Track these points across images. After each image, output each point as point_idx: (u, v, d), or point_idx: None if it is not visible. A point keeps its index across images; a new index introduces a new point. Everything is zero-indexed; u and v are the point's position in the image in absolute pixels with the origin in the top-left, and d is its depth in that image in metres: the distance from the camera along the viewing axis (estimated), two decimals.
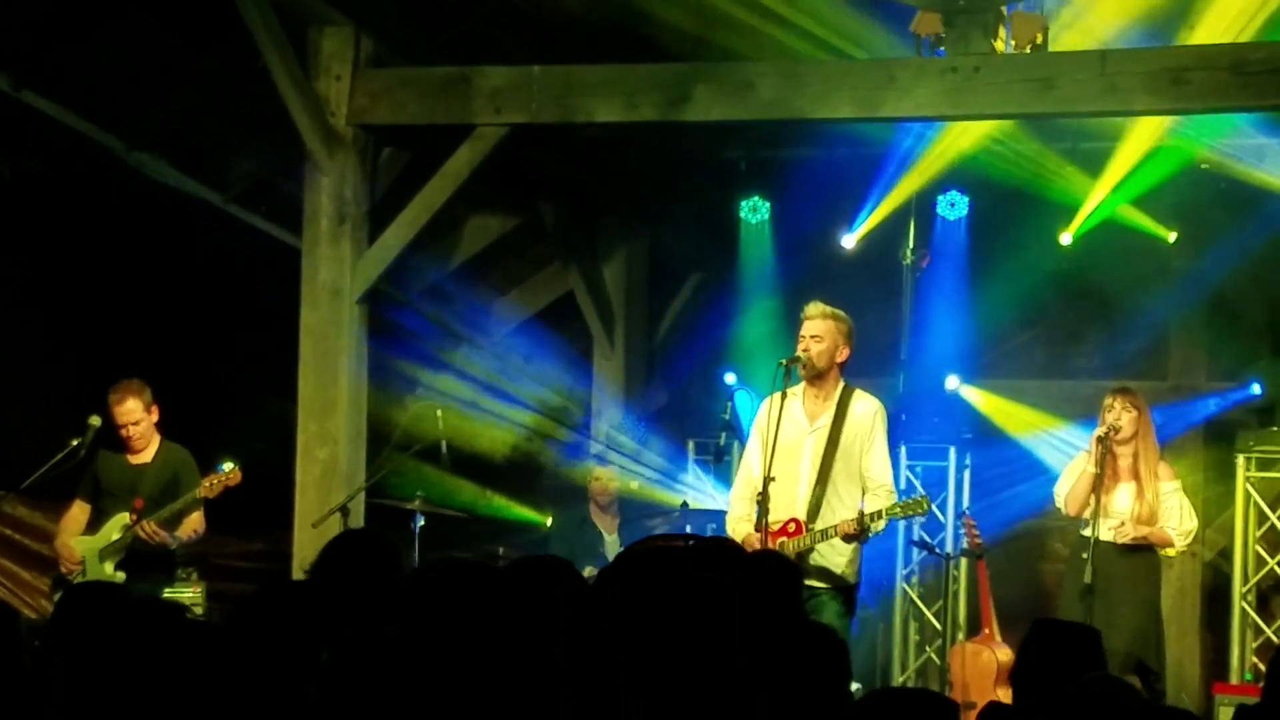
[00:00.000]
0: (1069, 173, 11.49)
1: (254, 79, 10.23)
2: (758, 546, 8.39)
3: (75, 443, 9.35)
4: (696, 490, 12.31)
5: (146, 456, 9.44)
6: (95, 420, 9.36)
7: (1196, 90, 9.33)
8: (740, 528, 8.75)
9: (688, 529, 11.23)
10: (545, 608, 3.76)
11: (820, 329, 8.77)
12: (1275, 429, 12.31)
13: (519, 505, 12.33)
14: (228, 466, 9.26)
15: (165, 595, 9.18)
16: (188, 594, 9.52)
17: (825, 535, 8.53)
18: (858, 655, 10.69)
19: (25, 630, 5.22)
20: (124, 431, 9.35)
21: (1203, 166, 11.48)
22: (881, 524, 8.62)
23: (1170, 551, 9.93)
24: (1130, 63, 9.42)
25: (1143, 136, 11.00)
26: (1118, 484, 9.74)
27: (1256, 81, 9.21)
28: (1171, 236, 12.18)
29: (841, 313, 8.89)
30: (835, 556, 8.63)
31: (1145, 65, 9.40)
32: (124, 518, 9.21)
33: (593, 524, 11.77)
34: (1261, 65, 9.15)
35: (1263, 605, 11.92)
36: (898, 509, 8.77)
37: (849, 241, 12.20)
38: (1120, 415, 9.71)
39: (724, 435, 11.43)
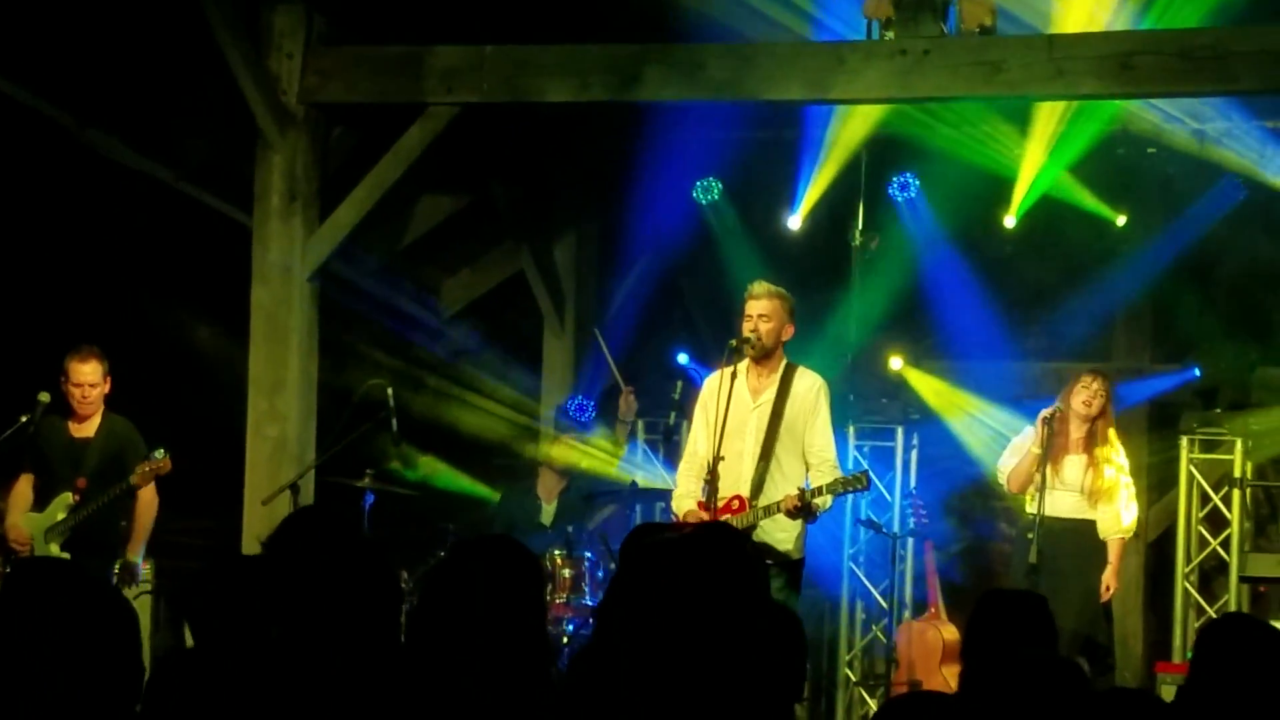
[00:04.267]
0: (1005, 134, 11.50)
1: (206, 56, 10.19)
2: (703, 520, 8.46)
3: (24, 419, 9.32)
4: (646, 470, 12.31)
5: (90, 430, 9.42)
6: (44, 397, 9.35)
7: (1144, 75, 9.42)
8: (684, 504, 8.83)
9: (637, 508, 11.25)
10: (496, 587, 3.76)
11: (767, 308, 8.80)
12: (1218, 411, 12.37)
13: (470, 481, 12.30)
14: (159, 454, 9.22)
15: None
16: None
17: (769, 511, 8.57)
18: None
19: None
20: (79, 392, 9.31)
21: (1150, 151, 11.55)
22: (827, 500, 8.69)
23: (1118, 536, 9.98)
24: (1078, 47, 9.49)
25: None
26: (1068, 455, 9.81)
27: (1203, 66, 9.28)
28: (1120, 220, 12.23)
29: (785, 291, 8.93)
30: (779, 533, 8.67)
31: (1093, 50, 9.47)
32: (67, 498, 9.19)
33: (535, 495, 11.77)
34: (1208, 51, 9.23)
35: (1205, 585, 11.99)
36: (839, 484, 8.82)
37: (794, 222, 12.20)
38: (1097, 395, 9.79)
39: (674, 415, 11.43)
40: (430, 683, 3.55)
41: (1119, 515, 9.83)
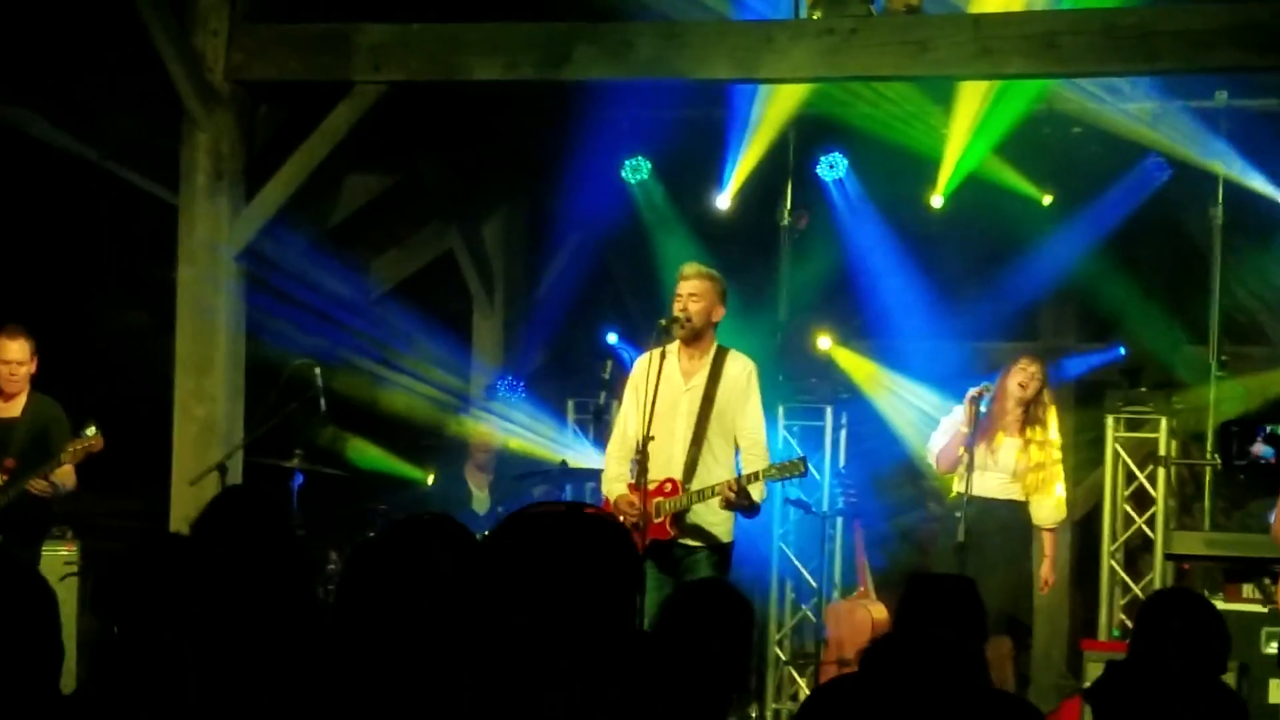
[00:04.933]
0: (932, 113, 11.57)
1: (130, 33, 10.13)
2: (636, 505, 8.45)
3: None
4: (576, 450, 12.33)
5: (15, 409, 9.34)
6: None
7: (1068, 54, 9.48)
8: (615, 488, 8.77)
9: (567, 488, 11.25)
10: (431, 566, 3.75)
11: (698, 288, 8.79)
12: (1144, 390, 12.46)
13: (400, 462, 12.29)
14: (90, 431, 9.13)
15: (43, 554, 9.12)
16: (63, 552, 9.45)
17: (702, 496, 8.55)
18: None
19: None
20: (5, 370, 9.26)
21: (1074, 131, 11.62)
22: (761, 486, 8.70)
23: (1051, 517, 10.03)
24: (1003, 26, 9.55)
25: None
26: (1002, 437, 9.85)
27: (1127, 45, 9.34)
28: (1046, 199, 12.30)
29: (716, 272, 8.94)
30: (710, 516, 8.66)
31: (1018, 29, 9.53)
32: None
33: (464, 481, 11.78)
34: (1132, 30, 9.29)
35: (1130, 564, 12.08)
36: (774, 470, 8.84)
37: (723, 201, 12.22)
38: (1033, 378, 9.84)
39: (603, 395, 11.43)
40: (358, 662, 3.54)
41: (1058, 505, 9.89)
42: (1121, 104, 11.28)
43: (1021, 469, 9.79)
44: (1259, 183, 11.51)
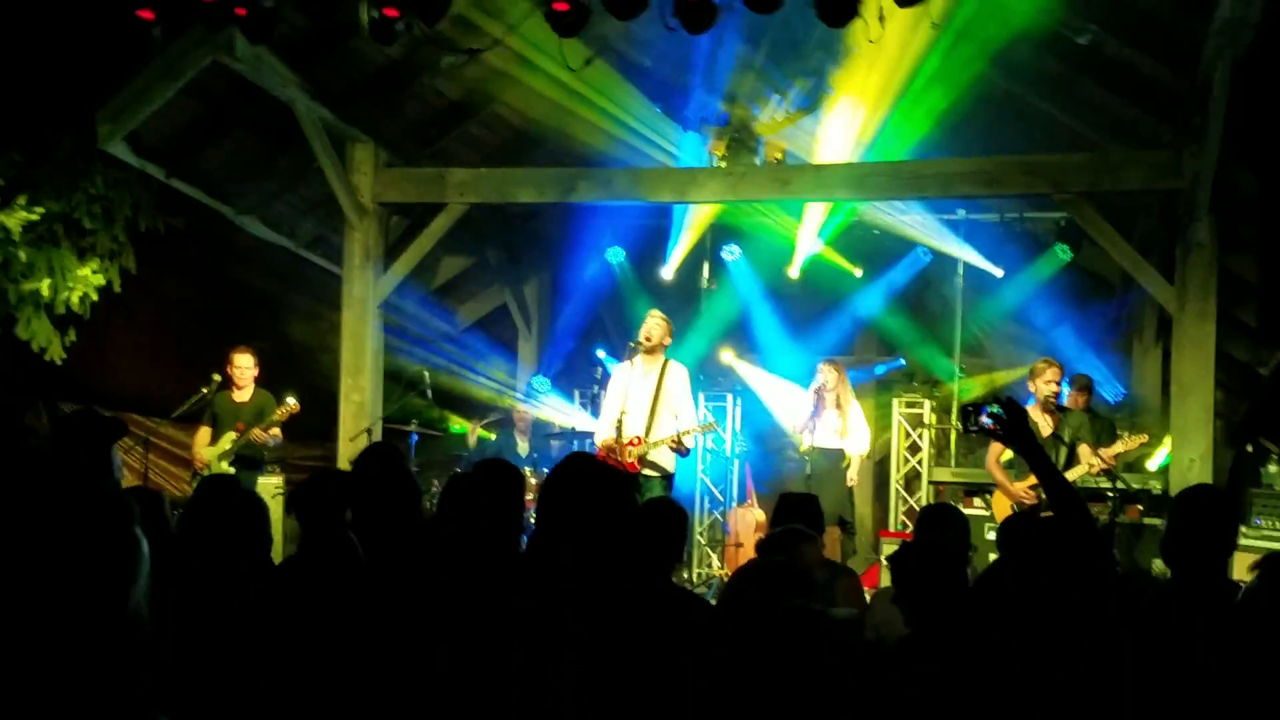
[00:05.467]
0: (790, 223, 11.65)
1: (314, 173, 10.21)
2: (615, 450, 8.57)
3: (204, 390, 9.29)
4: (580, 419, 12.37)
5: (245, 396, 9.36)
6: (217, 377, 9.30)
7: (872, 186, 9.54)
8: (603, 440, 8.89)
9: (574, 442, 11.33)
10: (498, 488, 3.80)
11: (654, 324, 8.90)
12: (915, 384, 12.57)
13: (474, 427, 12.34)
14: (290, 402, 9.20)
15: (260, 481, 9.17)
16: (275, 480, 9.50)
17: (655, 445, 8.67)
18: None
19: (169, 504, 5.22)
20: (238, 374, 9.30)
21: (875, 231, 11.71)
22: (690, 439, 8.79)
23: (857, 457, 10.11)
24: (833, 171, 9.60)
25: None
26: (826, 411, 9.94)
27: (906, 181, 9.40)
28: (858, 272, 12.41)
29: (665, 315, 9.04)
30: (661, 457, 8.76)
31: (843, 173, 9.57)
32: (232, 435, 9.15)
33: (514, 439, 11.83)
34: (909, 172, 9.37)
35: (908, 486, 12.15)
36: (698, 429, 8.94)
37: (667, 273, 12.30)
38: (828, 375, 9.93)
39: (597, 388, 11.50)
40: (452, 549, 3.61)
41: (861, 443, 9.99)
42: (902, 216, 11.33)
43: (838, 429, 9.89)
44: (983, 262, 11.61)
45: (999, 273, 11.63)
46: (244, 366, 9.33)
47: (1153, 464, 10.32)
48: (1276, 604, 2.43)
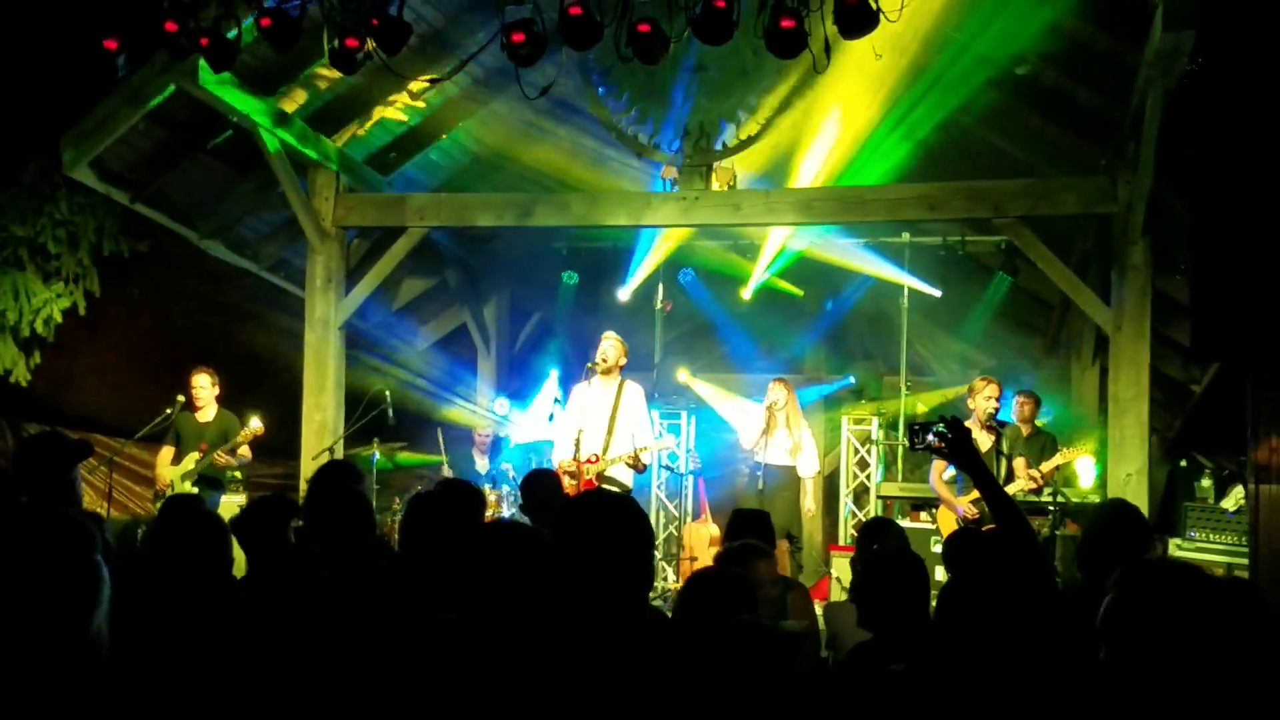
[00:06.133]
0: (740, 262, 11.75)
1: (276, 198, 10.15)
2: (574, 468, 8.56)
3: (168, 411, 9.23)
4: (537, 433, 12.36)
5: (208, 416, 9.29)
6: (180, 397, 9.24)
7: (819, 211, 9.57)
8: (561, 460, 8.87)
9: (532, 458, 11.28)
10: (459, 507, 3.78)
11: (610, 345, 8.92)
12: (863, 401, 12.63)
13: (429, 451, 12.25)
14: (255, 423, 9.13)
15: (223, 500, 9.09)
16: (238, 499, 9.42)
17: (613, 462, 8.67)
18: None
19: (135, 524, 5.15)
20: (197, 394, 9.22)
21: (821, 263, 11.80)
22: (647, 455, 8.79)
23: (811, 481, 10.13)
24: (781, 197, 9.65)
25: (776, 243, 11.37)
26: (778, 430, 9.95)
27: (852, 206, 9.46)
28: (801, 293, 12.47)
29: (620, 336, 9.05)
30: (620, 474, 8.76)
31: (790, 198, 9.64)
32: (195, 455, 9.07)
33: (472, 457, 11.79)
34: (854, 197, 9.43)
35: (857, 501, 12.19)
36: (654, 445, 8.95)
37: (624, 294, 12.31)
38: (779, 393, 9.95)
39: (555, 405, 11.48)
40: (415, 564, 3.58)
41: (811, 464, 10.01)
42: (844, 239, 11.44)
43: (788, 446, 9.92)
44: (924, 286, 11.69)
45: (937, 293, 11.72)
46: (201, 387, 9.24)
47: (1083, 480, 10.34)
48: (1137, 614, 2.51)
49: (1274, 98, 5.33)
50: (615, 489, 8.68)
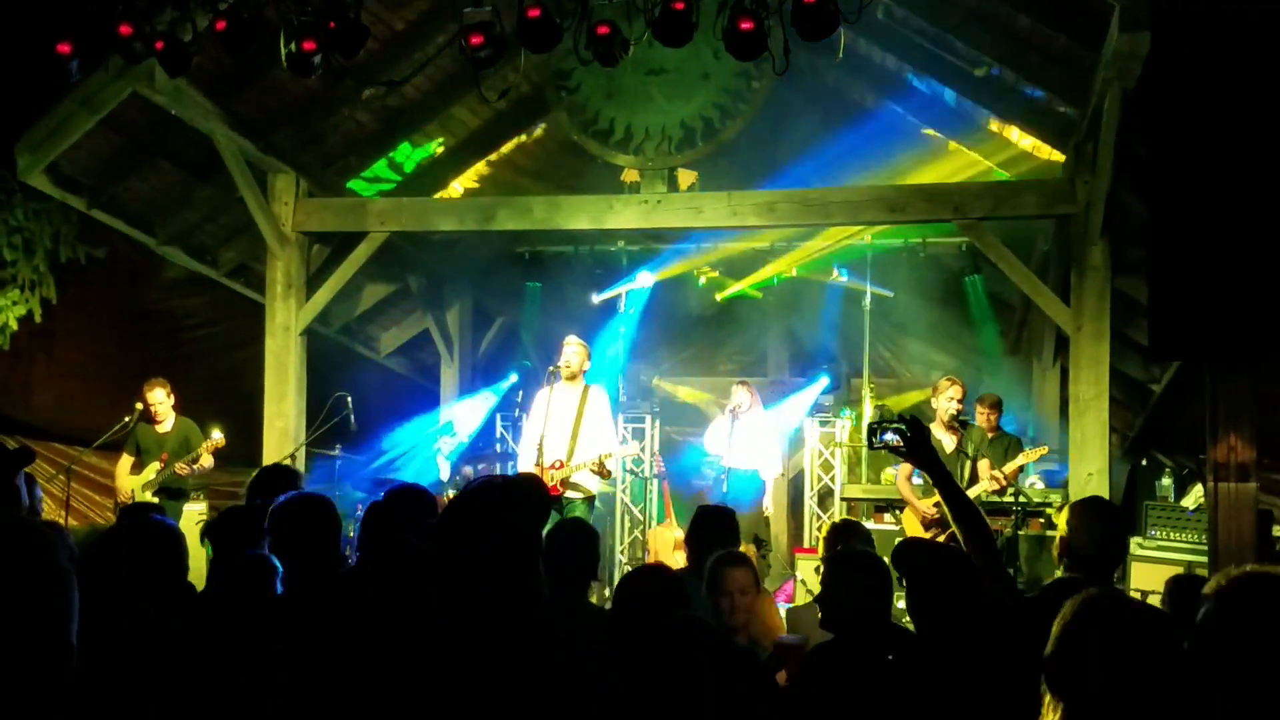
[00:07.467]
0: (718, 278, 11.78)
1: (235, 203, 10.07)
2: (537, 473, 8.51)
3: (127, 420, 9.14)
4: (502, 442, 12.31)
5: (167, 427, 9.20)
6: (139, 405, 9.13)
7: (781, 214, 9.53)
8: (525, 466, 8.81)
9: (496, 465, 11.24)
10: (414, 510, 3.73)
11: (574, 350, 8.87)
12: (828, 403, 12.64)
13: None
14: (216, 435, 9.05)
15: (185, 509, 8.99)
16: (199, 508, 9.33)
17: (577, 468, 8.63)
18: None
19: (95, 533, 5.09)
20: (153, 408, 9.11)
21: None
22: (612, 461, 8.76)
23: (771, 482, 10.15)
24: (743, 199, 9.59)
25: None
26: (742, 432, 9.93)
27: (815, 208, 9.44)
28: (761, 296, 12.51)
29: (583, 341, 9.02)
30: (584, 480, 8.71)
31: (751, 200, 9.59)
32: (155, 466, 8.98)
33: (436, 465, 11.73)
34: (818, 199, 9.40)
35: (821, 503, 12.21)
36: (620, 451, 8.94)
37: (595, 299, 12.27)
38: (743, 396, 9.95)
39: (517, 410, 11.44)
40: (375, 569, 3.55)
41: (774, 466, 10.01)
42: (805, 242, 11.47)
43: (752, 449, 9.92)
44: (884, 291, 11.73)
45: (890, 294, 11.77)
46: (158, 400, 9.15)
47: (1036, 481, 10.35)
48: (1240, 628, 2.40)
49: (1226, 98, 5.38)
50: (579, 494, 8.66)
